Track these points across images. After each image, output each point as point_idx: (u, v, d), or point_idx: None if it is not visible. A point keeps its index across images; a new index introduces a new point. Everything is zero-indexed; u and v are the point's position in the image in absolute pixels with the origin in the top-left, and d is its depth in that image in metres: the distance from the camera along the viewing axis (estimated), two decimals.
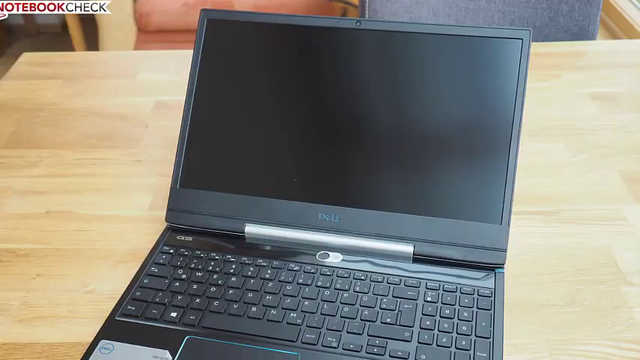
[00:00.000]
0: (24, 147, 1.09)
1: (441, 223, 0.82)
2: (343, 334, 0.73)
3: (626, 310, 0.79)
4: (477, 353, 0.71)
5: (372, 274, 0.81)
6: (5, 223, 0.93)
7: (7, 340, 0.76)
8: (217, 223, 0.87)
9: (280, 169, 0.88)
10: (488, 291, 0.78)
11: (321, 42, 0.88)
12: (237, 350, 0.72)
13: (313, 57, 0.88)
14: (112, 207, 0.96)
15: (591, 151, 1.06)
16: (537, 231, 0.90)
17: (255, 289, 0.79)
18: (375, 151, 0.85)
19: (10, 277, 0.84)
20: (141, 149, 1.09)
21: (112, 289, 0.82)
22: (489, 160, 0.83)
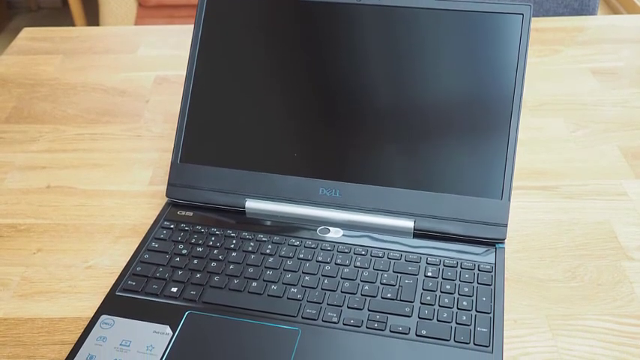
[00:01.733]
0: (24, 122, 1.08)
1: (442, 199, 0.81)
2: (344, 310, 0.72)
3: (626, 285, 0.77)
4: (477, 328, 0.70)
5: (373, 250, 0.79)
6: (5, 198, 0.92)
7: (8, 315, 0.75)
8: (218, 198, 0.85)
9: (281, 145, 0.86)
10: (488, 266, 0.77)
11: (322, 17, 0.86)
12: (238, 325, 0.71)
13: (314, 32, 0.86)
14: (112, 182, 0.94)
15: (592, 126, 1.05)
16: (538, 206, 0.89)
17: (256, 264, 0.78)
18: (376, 126, 0.84)
19: (10, 252, 0.83)
20: (141, 124, 1.07)
21: (112, 265, 0.81)
22: (490, 136, 0.82)
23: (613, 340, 0.71)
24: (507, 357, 0.69)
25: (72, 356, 0.68)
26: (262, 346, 0.69)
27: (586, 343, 0.71)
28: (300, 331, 0.70)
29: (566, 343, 0.71)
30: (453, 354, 0.68)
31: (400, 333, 0.70)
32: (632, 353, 0.70)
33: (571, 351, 0.70)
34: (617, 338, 0.71)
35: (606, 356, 0.70)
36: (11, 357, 0.70)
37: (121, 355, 0.68)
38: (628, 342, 0.71)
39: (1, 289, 0.78)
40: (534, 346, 0.71)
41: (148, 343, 0.69)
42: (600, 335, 0.72)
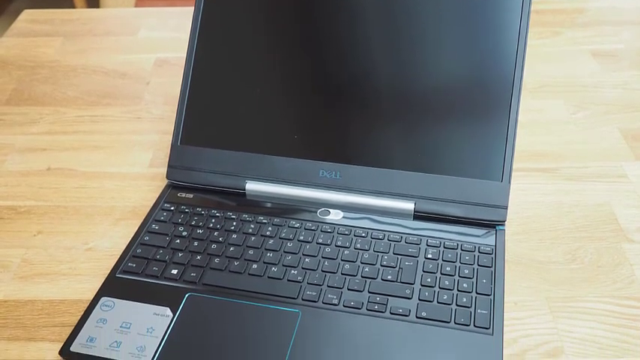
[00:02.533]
0: (24, 104, 1.06)
1: (442, 181, 0.80)
2: (344, 291, 0.71)
3: (626, 267, 0.76)
4: (477, 310, 0.69)
5: (373, 232, 0.78)
6: (6, 180, 0.90)
7: (8, 297, 0.74)
8: (218, 180, 0.84)
9: (281, 126, 0.85)
10: (489, 248, 0.76)
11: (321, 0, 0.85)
12: (238, 307, 0.70)
13: (314, 15, 0.85)
14: (112, 164, 0.93)
15: (592, 108, 1.03)
16: (538, 188, 0.88)
17: (256, 246, 0.77)
18: (376, 108, 0.83)
19: (10, 234, 0.82)
20: (141, 106, 1.05)
21: (112, 247, 0.80)
22: (490, 117, 0.80)
23: (613, 322, 0.70)
24: (507, 339, 0.68)
25: (72, 338, 0.67)
26: (263, 328, 0.68)
27: (586, 325, 0.70)
28: (301, 313, 0.69)
29: (566, 325, 0.70)
30: (453, 336, 0.67)
31: (400, 315, 0.69)
32: (632, 335, 0.69)
33: (571, 333, 0.69)
34: (617, 320, 0.71)
35: (607, 338, 0.69)
36: (11, 339, 0.69)
37: (121, 337, 0.67)
38: (628, 324, 0.70)
39: (2, 271, 0.77)
40: (534, 328, 0.70)
41: (149, 325, 0.68)
42: (601, 317, 0.71)
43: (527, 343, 0.68)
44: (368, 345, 0.66)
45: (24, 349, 0.68)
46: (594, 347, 0.68)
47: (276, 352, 0.65)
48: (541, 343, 0.68)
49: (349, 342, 0.66)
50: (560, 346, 0.68)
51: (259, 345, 0.66)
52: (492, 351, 0.65)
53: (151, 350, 0.66)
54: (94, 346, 0.66)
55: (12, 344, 0.69)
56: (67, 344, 0.66)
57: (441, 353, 0.65)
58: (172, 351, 0.66)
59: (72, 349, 0.66)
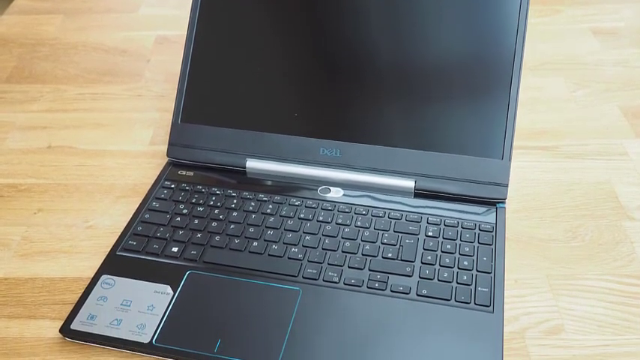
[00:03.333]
0: (25, 82, 1.04)
1: (443, 158, 0.78)
2: (344, 269, 0.70)
3: (627, 245, 0.75)
4: (478, 288, 0.68)
5: (374, 209, 0.77)
6: (6, 158, 0.89)
7: (8, 275, 0.72)
8: (219, 158, 0.83)
9: (281, 104, 0.83)
10: (489, 226, 0.75)
11: None
12: (239, 285, 0.69)
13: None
14: (113, 142, 0.91)
15: (592, 86, 1.01)
16: (538, 166, 0.86)
17: (257, 223, 0.75)
18: (377, 86, 0.81)
19: (11, 212, 0.81)
20: (142, 84, 1.04)
21: (113, 224, 0.78)
22: (491, 95, 0.79)
23: (614, 300, 0.69)
24: (508, 317, 0.67)
25: (73, 316, 0.66)
26: (263, 306, 0.67)
27: (587, 303, 0.69)
28: (301, 290, 0.68)
29: (566, 302, 0.69)
30: (454, 314, 0.66)
31: (401, 293, 0.68)
32: (632, 313, 0.68)
33: (572, 311, 0.68)
34: (617, 298, 0.69)
35: (607, 316, 0.68)
36: (12, 317, 0.68)
37: (121, 314, 0.66)
38: (629, 302, 0.69)
39: (2, 248, 0.76)
40: (535, 306, 0.69)
41: (149, 303, 0.67)
42: (601, 295, 0.70)
43: (527, 320, 0.67)
44: (368, 323, 0.65)
45: (24, 326, 0.67)
46: (594, 325, 0.67)
47: (276, 329, 0.64)
48: (541, 321, 0.67)
49: (349, 320, 0.65)
50: (560, 324, 0.67)
51: (260, 322, 0.65)
52: (493, 329, 0.64)
53: (151, 328, 0.65)
54: (95, 324, 0.65)
55: (12, 322, 0.67)
56: (67, 322, 0.65)
57: (441, 331, 0.64)
58: (173, 329, 0.65)
59: (72, 327, 0.65)
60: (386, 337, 0.63)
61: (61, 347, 0.65)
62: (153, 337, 0.64)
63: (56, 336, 0.66)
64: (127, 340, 0.64)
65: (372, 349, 0.62)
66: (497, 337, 0.63)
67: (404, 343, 0.63)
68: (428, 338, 0.63)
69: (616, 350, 0.64)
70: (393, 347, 0.62)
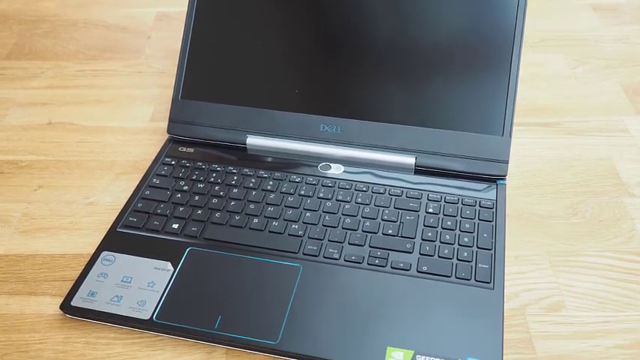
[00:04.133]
0: (25, 58, 1.02)
1: (443, 135, 0.77)
2: (345, 246, 0.69)
3: (627, 222, 0.74)
4: (478, 265, 0.67)
5: (374, 186, 0.75)
6: (7, 134, 0.87)
7: (9, 252, 0.71)
8: (219, 135, 0.81)
9: (282, 81, 0.81)
10: (489, 202, 0.73)
11: None
12: (239, 262, 0.67)
13: None
14: (113, 118, 0.90)
15: (593, 62, 1.00)
16: (539, 143, 0.85)
17: (257, 200, 0.74)
18: (377, 62, 0.79)
19: (11, 188, 0.79)
20: (142, 60, 1.02)
21: (113, 201, 0.77)
22: (491, 72, 0.77)
23: (614, 277, 0.68)
24: (508, 293, 0.66)
25: (73, 292, 0.65)
26: (263, 283, 0.65)
27: (587, 280, 0.68)
28: (302, 267, 0.67)
29: (567, 279, 0.68)
30: (454, 290, 0.64)
31: (401, 269, 0.66)
32: (633, 289, 0.67)
33: (572, 287, 0.67)
34: (618, 274, 0.68)
35: (608, 292, 0.66)
36: (12, 293, 0.67)
37: (122, 291, 0.65)
38: (629, 278, 0.68)
39: (3, 225, 0.74)
40: (535, 282, 0.68)
41: (149, 280, 0.66)
42: (601, 272, 0.68)
43: (528, 297, 0.66)
44: (369, 299, 0.63)
45: (24, 303, 0.66)
46: (595, 301, 0.66)
47: (277, 306, 0.63)
48: (542, 298, 0.66)
49: (350, 296, 0.64)
50: (561, 301, 0.66)
51: (260, 299, 0.64)
52: (493, 305, 0.63)
53: (151, 304, 0.63)
54: (95, 301, 0.64)
55: (12, 298, 0.66)
56: (67, 298, 0.64)
57: (441, 307, 0.63)
58: (173, 305, 0.63)
59: (73, 304, 0.64)
60: (386, 313, 0.62)
61: (61, 324, 0.64)
62: (153, 314, 0.63)
63: (56, 312, 0.64)
64: (127, 317, 0.63)
65: (372, 326, 0.61)
66: (498, 314, 0.62)
67: (404, 319, 0.62)
68: (428, 315, 0.62)
69: (616, 327, 0.63)
70: (393, 323, 0.61)
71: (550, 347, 0.61)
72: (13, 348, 0.62)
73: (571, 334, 0.63)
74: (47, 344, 0.62)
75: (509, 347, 0.61)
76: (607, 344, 0.62)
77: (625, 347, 0.61)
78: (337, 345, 0.60)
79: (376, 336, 0.60)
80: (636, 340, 0.62)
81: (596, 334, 0.63)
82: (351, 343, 0.60)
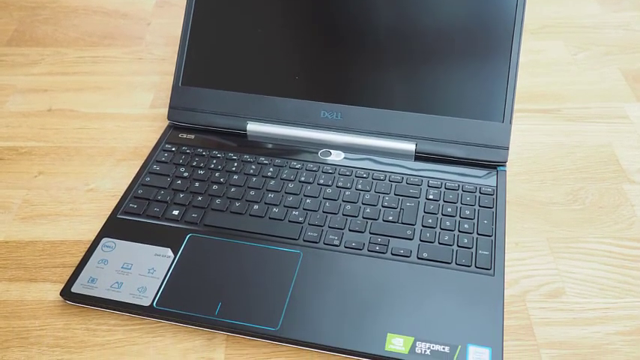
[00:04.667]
0: (26, 45, 1.01)
1: (444, 121, 0.76)
2: (345, 232, 0.68)
3: (627, 208, 0.73)
4: (478, 251, 0.66)
5: (374, 172, 0.75)
6: (7, 121, 0.86)
7: (9, 238, 0.70)
8: (219, 121, 0.80)
9: (282, 67, 0.80)
10: (490, 189, 0.72)
11: None
12: (240, 248, 0.67)
13: None
14: (113, 105, 0.89)
15: (593, 49, 0.98)
16: (539, 129, 0.84)
17: (257, 187, 0.73)
18: (378, 48, 0.78)
19: (11, 175, 0.78)
20: (142, 47, 1.01)
21: (113, 187, 0.76)
22: (491, 58, 0.76)
23: (614, 263, 0.67)
24: (509, 280, 0.65)
25: (73, 279, 0.64)
26: (264, 269, 0.65)
27: (587, 266, 0.67)
28: (302, 254, 0.66)
29: (567, 265, 0.67)
30: (455, 277, 0.64)
31: (401, 256, 0.66)
32: (633, 276, 0.66)
33: (572, 274, 0.66)
34: (618, 261, 0.67)
35: (607, 279, 0.66)
36: (13, 280, 0.66)
37: (122, 277, 0.64)
38: (629, 265, 0.67)
39: (3, 212, 0.73)
40: (535, 268, 0.67)
41: (150, 266, 0.65)
42: (601, 258, 0.68)
43: (528, 283, 0.65)
44: (369, 286, 0.63)
45: (25, 289, 0.65)
46: (595, 288, 0.65)
47: (277, 292, 0.62)
48: (542, 284, 0.65)
49: (350, 283, 0.63)
50: (561, 287, 0.65)
51: (260, 285, 0.63)
52: (493, 292, 0.62)
53: (152, 291, 0.63)
54: (95, 287, 0.63)
55: (13, 285, 0.65)
56: (68, 285, 0.63)
57: (441, 294, 0.62)
58: (173, 292, 0.63)
59: (73, 290, 0.63)
60: (386, 300, 0.62)
61: (61, 310, 0.63)
62: (153, 300, 0.62)
63: (57, 299, 0.64)
64: (127, 303, 0.62)
65: (372, 312, 0.61)
66: (498, 300, 0.61)
67: (404, 306, 0.61)
68: (428, 301, 0.61)
69: (617, 313, 0.63)
70: (394, 310, 0.61)
71: (550, 334, 0.61)
72: (13, 334, 0.61)
73: (571, 321, 0.62)
74: (47, 331, 0.61)
75: (509, 334, 0.61)
76: (607, 330, 0.61)
77: (625, 333, 0.61)
78: (337, 331, 0.59)
79: (376, 322, 0.60)
80: (636, 327, 0.61)
81: (597, 320, 0.62)
82: (352, 329, 0.59)
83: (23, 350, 0.60)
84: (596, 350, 0.60)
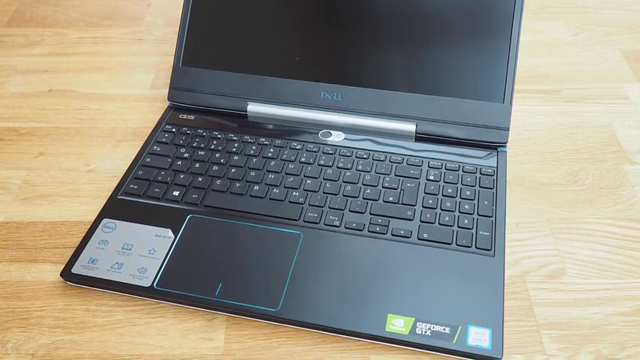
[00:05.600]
0: (26, 26, 1.00)
1: (444, 102, 0.74)
2: (345, 213, 0.67)
3: (628, 189, 0.72)
4: (479, 232, 0.65)
5: (375, 153, 0.73)
6: (7, 101, 0.85)
7: (10, 219, 0.69)
8: (220, 102, 0.79)
9: (283, 48, 0.79)
10: (490, 170, 0.71)
11: None
12: (240, 229, 0.66)
13: None
14: (114, 86, 0.87)
15: (593, 29, 0.97)
16: (540, 110, 0.82)
17: (258, 167, 0.72)
18: (378, 29, 0.76)
19: (12, 155, 0.77)
20: (143, 28, 0.99)
21: (114, 168, 0.75)
22: (492, 39, 0.74)
23: (615, 244, 0.66)
24: (509, 260, 0.64)
25: (74, 260, 0.63)
26: (264, 250, 0.63)
27: (588, 247, 0.66)
28: (302, 234, 0.65)
29: (567, 246, 0.66)
30: (455, 257, 0.63)
31: (402, 237, 0.64)
32: (633, 257, 0.65)
33: (573, 254, 0.65)
34: (618, 242, 0.66)
35: (608, 259, 0.65)
36: (13, 260, 0.65)
37: (122, 258, 0.63)
38: (630, 245, 0.66)
39: (3, 192, 0.72)
40: (536, 249, 0.66)
41: (150, 247, 0.64)
42: (602, 239, 0.67)
43: (528, 264, 0.64)
44: (369, 266, 0.62)
45: (25, 270, 0.64)
46: (595, 269, 0.64)
47: (277, 273, 0.61)
48: (542, 265, 0.64)
49: (350, 264, 0.62)
50: (561, 268, 0.64)
51: (261, 266, 0.62)
52: (494, 272, 0.61)
53: (152, 272, 0.62)
54: (96, 268, 0.62)
55: (13, 266, 0.64)
56: (68, 266, 0.62)
57: (442, 275, 0.61)
58: (174, 272, 0.62)
59: (73, 271, 0.62)
60: (387, 280, 0.60)
61: (62, 291, 0.62)
62: (154, 281, 0.61)
63: (57, 280, 0.63)
64: (128, 284, 0.61)
65: (372, 293, 0.60)
66: (498, 281, 0.60)
67: (405, 286, 0.60)
68: (428, 282, 0.60)
69: (617, 294, 0.61)
70: (394, 291, 0.60)
71: (550, 314, 0.60)
72: (13, 315, 0.60)
73: (571, 302, 0.61)
74: (48, 311, 0.60)
75: (509, 314, 0.60)
76: (607, 311, 0.60)
77: (626, 314, 0.60)
78: (338, 312, 0.58)
79: (377, 303, 0.59)
80: (637, 307, 0.60)
81: (597, 301, 0.61)
82: (352, 310, 0.58)
83: (23, 331, 0.59)
84: (596, 331, 0.59)
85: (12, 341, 0.58)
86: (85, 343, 0.58)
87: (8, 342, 0.58)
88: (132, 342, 0.58)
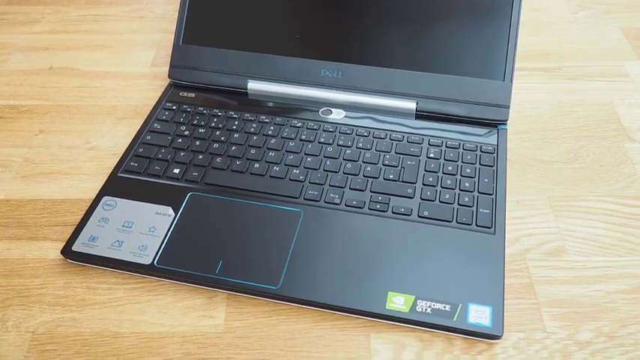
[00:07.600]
0: (26, 3, 0.97)
1: (445, 80, 0.72)
2: (346, 191, 0.65)
3: (628, 167, 0.70)
4: (479, 210, 0.63)
5: (375, 131, 0.71)
6: (8, 79, 0.83)
7: (10, 197, 0.68)
8: (220, 80, 0.77)
9: (283, 26, 0.77)
10: (491, 147, 0.69)
11: None
12: (241, 206, 0.64)
13: None
14: (114, 63, 0.85)
15: (594, 7, 0.94)
16: (540, 87, 0.80)
17: (258, 145, 0.70)
18: (379, 6, 0.74)
19: (12, 133, 0.75)
20: (143, 5, 0.97)
21: (114, 146, 0.73)
22: (492, 16, 0.72)
23: (615, 222, 0.64)
24: (509, 238, 0.63)
25: (74, 237, 0.61)
26: (265, 227, 0.62)
27: (588, 225, 0.64)
28: (303, 212, 0.63)
29: (568, 224, 0.64)
30: (456, 235, 0.61)
31: (402, 214, 0.63)
32: (633, 234, 0.63)
33: (573, 232, 0.63)
34: (619, 219, 0.65)
35: (608, 237, 0.63)
36: (13, 238, 0.63)
37: (123, 236, 0.61)
38: (630, 223, 0.64)
39: (4, 170, 0.71)
40: (536, 227, 0.64)
41: (150, 225, 0.62)
42: (602, 216, 0.65)
43: (529, 242, 0.63)
44: (369, 244, 0.60)
45: (26, 248, 0.62)
46: (596, 246, 0.62)
47: (278, 251, 0.60)
48: (543, 242, 0.63)
49: (351, 241, 0.60)
50: (562, 245, 0.62)
51: (261, 244, 0.61)
52: (494, 250, 0.60)
53: (152, 249, 0.60)
54: (96, 246, 0.61)
55: (14, 243, 0.63)
56: (68, 243, 0.61)
57: (442, 252, 0.59)
58: (174, 250, 0.60)
59: (74, 249, 0.60)
60: (387, 258, 0.59)
61: (62, 269, 0.61)
62: (154, 259, 0.59)
63: (57, 257, 0.61)
64: (128, 262, 0.59)
65: (373, 271, 0.58)
66: (499, 259, 0.59)
67: (405, 264, 0.59)
68: (429, 260, 0.59)
69: (617, 272, 0.60)
70: (394, 268, 0.58)
71: (551, 292, 0.58)
72: (14, 293, 0.59)
73: (572, 279, 0.59)
74: (48, 289, 0.59)
75: (510, 292, 0.58)
76: (608, 289, 0.59)
77: (626, 292, 0.58)
78: (338, 290, 0.57)
79: (377, 281, 0.57)
80: (637, 285, 0.59)
81: (597, 278, 0.59)
82: (352, 288, 0.57)
83: (24, 309, 0.57)
84: (596, 308, 0.57)
85: (12, 319, 0.57)
86: (86, 321, 0.56)
87: (9, 320, 0.57)
88: (132, 319, 0.57)
